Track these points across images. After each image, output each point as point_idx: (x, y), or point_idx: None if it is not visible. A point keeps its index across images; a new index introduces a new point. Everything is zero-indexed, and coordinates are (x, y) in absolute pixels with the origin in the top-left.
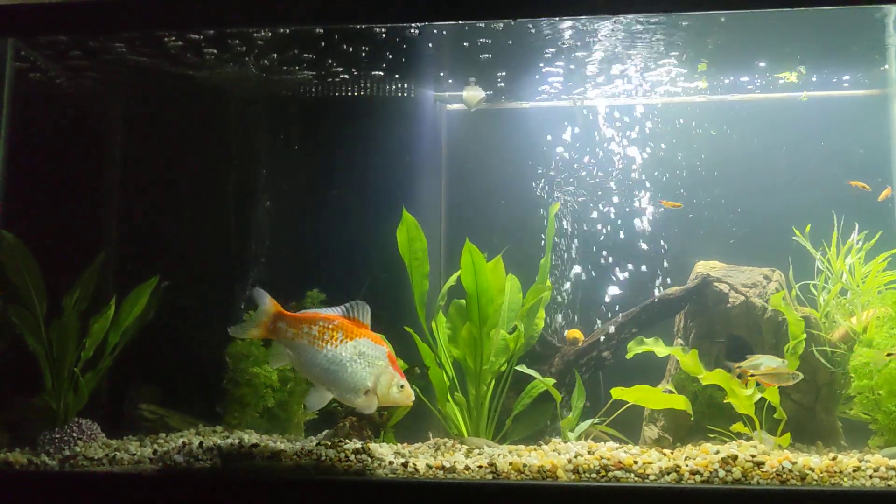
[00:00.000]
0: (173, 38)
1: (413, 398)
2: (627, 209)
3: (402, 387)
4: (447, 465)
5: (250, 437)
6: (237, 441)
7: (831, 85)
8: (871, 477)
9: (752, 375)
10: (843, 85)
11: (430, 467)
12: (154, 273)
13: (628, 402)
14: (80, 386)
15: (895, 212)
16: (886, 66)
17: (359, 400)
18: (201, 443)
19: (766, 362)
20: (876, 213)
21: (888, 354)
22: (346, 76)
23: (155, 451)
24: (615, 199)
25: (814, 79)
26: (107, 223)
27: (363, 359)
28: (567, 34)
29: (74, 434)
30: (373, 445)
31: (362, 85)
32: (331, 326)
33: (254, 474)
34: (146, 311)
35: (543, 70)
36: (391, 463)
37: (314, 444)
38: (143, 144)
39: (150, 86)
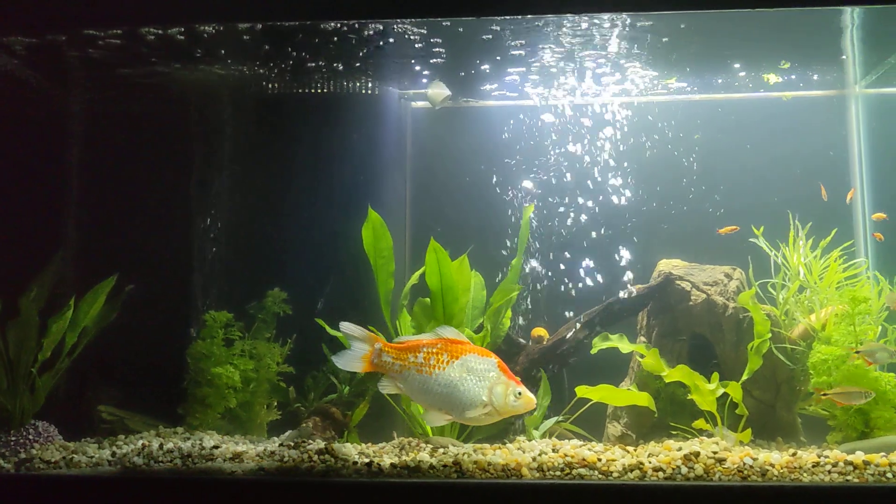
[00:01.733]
0: (130, 37)
1: (535, 402)
2: (593, 207)
3: (519, 394)
4: (412, 464)
5: (212, 439)
6: (198, 442)
7: (792, 86)
8: (829, 472)
9: (824, 395)
10: (803, 86)
11: (395, 467)
12: (113, 273)
13: (592, 400)
14: (37, 387)
15: (854, 211)
16: (844, 57)
17: (479, 416)
18: (161, 444)
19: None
20: (834, 212)
21: (856, 352)
22: (309, 72)
23: (114, 454)
24: (578, 198)
25: (793, 78)
26: (65, 223)
27: (473, 374)
28: (531, 33)
29: (30, 436)
30: (336, 446)
31: (325, 82)
32: (435, 350)
33: (215, 476)
34: (108, 313)
35: (509, 69)
36: (355, 463)
37: (277, 444)
38: (103, 143)
39: (110, 84)
